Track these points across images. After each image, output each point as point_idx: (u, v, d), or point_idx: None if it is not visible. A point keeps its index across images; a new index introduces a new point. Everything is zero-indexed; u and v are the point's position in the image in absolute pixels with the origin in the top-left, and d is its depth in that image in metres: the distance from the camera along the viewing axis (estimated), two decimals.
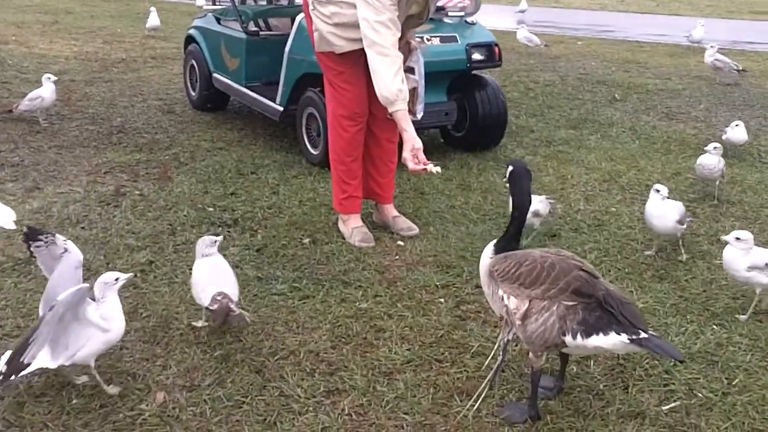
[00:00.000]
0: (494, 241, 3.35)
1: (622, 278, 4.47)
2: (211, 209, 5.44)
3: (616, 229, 5.19)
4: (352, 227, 4.86)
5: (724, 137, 6.70)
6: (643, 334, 2.93)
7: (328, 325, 3.90)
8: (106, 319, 3.24)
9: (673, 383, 3.50)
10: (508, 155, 6.83)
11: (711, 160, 5.65)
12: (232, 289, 3.72)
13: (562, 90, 9.73)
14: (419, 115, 4.75)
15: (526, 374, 3.50)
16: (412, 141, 4.28)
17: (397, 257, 4.69)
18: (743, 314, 4.06)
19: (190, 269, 4.28)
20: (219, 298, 3.62)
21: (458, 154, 6.83)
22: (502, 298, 3.18)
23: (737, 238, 4.04)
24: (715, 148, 5.68)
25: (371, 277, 4.40)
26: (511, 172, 3.32)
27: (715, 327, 3.98)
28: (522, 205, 3.29)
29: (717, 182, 5.75)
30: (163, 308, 4.03)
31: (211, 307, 3.64)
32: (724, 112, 8.80)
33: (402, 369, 3.56)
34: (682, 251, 4.81)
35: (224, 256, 4.46)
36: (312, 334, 3.82)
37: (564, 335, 3.03)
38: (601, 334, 2.98)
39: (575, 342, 3.02)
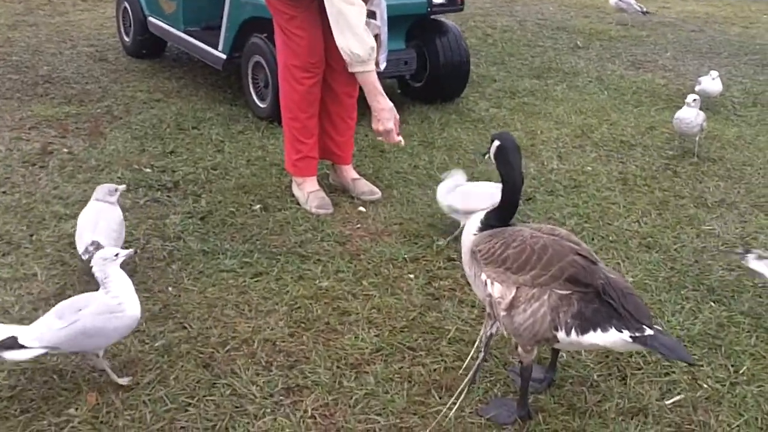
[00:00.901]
0: (479, 214, 2.89)
1: (606, 248, 4.07)
2: (148, 170, 4.89)
3: (594, 191, 4.79)
4: (308, 191, 4.36)
5: (698, 88, 6.30)
6: (648, 331, 2.53)
7: (284, 307, 3.43)
8: (118, 300, 2.83)
9: (674, 371, 3.13)
10: (471, 108, 6.37)
11: (689, 113, 5.26)
12: (109, 241, 3.37)
13: (522, 36, 9.25)
14: (382, 66, 4.25)
15: (512, 363, 3.09)
16: (392, 109, 3.78)
17: (359, 226, 4.21)
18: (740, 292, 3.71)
19: (127, 241, 3.76)
20: (92, 248, 3.29)
21: (418, 106, 6.33)
22: (486, 284, 2.74)
23: None
24: (694, 100, 5.28)
25: (331, 250, 3.93)
26: (498, 147, 2.86)
27: (712, 304, 3.61)
28: (514, 182, 2.85)
29: (696, 138, 5.36)
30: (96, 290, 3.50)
31: (83, 257, 3.33)
32: (691, 60, 8.44)
33: (371, 359, 3.12)
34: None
35: (164, 225, 3.97)
36: (267, 318, 3.35)
37: (556, 330, 2.62)
38: (598, 330, 2.58)
39: (569, 338, 2.62)
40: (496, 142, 2.86)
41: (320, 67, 4.22)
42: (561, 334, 2.61)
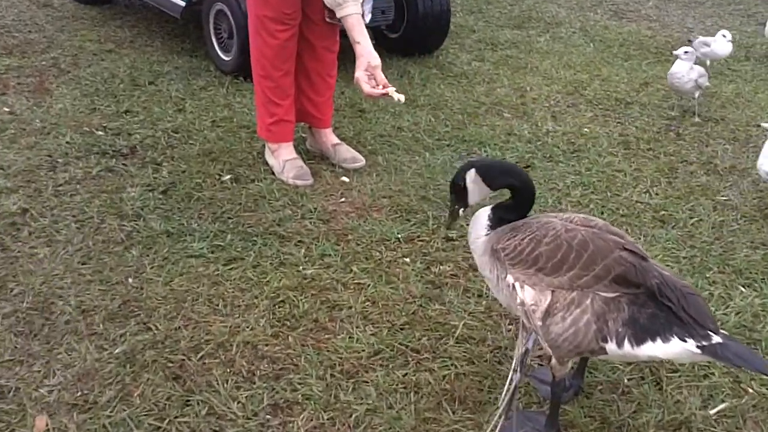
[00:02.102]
0: (488, 208, 2.45)
1: (618, 223, 3.67)
2: (101, 133, 4.34)
3: (596, 156, 4.36)
4: (284, 160, 3.87)
5: (703, 51, 5.81)
6: (715, 338, 2.14)
7: (265, 301, 2.97)
8: None
9: (713, 373, 2.75)
10: (452, 61, 5.88)
11: (681, 67, 4.82)
12: None
13: None
14: (368, 17, 3.74)
15: (531, 366, 2.68)
16: (368, 56, 3.30)
17: (343, 200, 3.74)
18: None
19: (78, 220, 3.26)
20: None
21: (395, 60, 5.83)
22: (512, 287, 2.31)
23: None
24: (686, 53, 4.84)
25: (314, 229, 3.46)
26: (479, 170, 2.45)
27: (743, 289, 3.23)
28: (525, 186, 2.42)
29: (696, 95, 4.94)
30: (42, 281, 3.02)
31: None
32: (675, 10, 8.03)
33: (369, 365, 2.69)
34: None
35: (120, 200, 3.48)
36: (245, 315, 2.89)
37: (604, 341, 2.20)
38: (658, 340, 2.17)
39: (621, 351, 2.21)
40: (471, 172, 2.44)
41: (296, 18, 3.70)
42: (611, 346, 2.20)
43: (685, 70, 4.83)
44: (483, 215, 2.48)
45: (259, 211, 3.59)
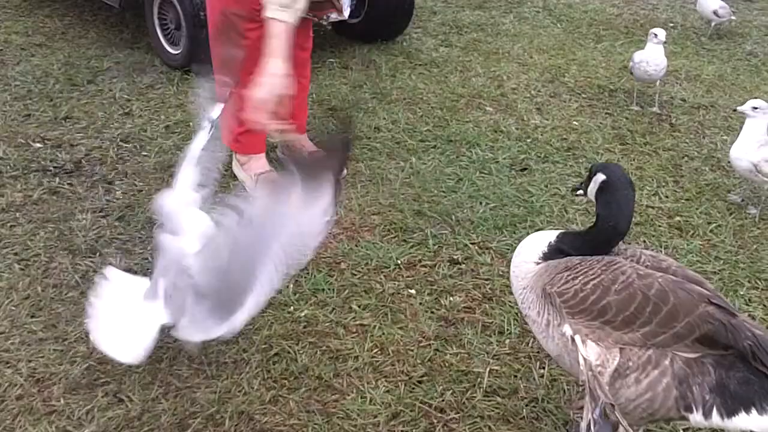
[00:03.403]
0: (553, 233, 2.06)
1: (633, 233, 3.33)
2: (38, 145, 3.80)
3: (593, 154, 3.99)
4: (257, 173, 3.40)
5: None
6: None
7: (257, 355, 2.52)
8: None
9: None
10: (418, 48, 5.44)
11: (655, 53, 4.44)
12: None
13: None
14: (346, 13, 3.29)
15: (571, 419, 2.30)
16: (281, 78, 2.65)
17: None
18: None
19: (22, 259, 2.75)
20: None
21: (357, 47, 5.35)
22: (572, 340, 1.91)
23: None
24: (656, 36, 4.46)
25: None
26: (603, 183, 2.05)
27: None
28: (616, 228, 2.05)
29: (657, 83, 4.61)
30: None
31: None
32: None
33: (390, 431, 2.25)
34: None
35: (70, 231, 2.98)
36: (235, 376, 2.44)
37: (689, 410, 1.83)
38: (753, 411, 1.83)
39: (707, 422, 1.86)
40: (600, 176, 2.02)
41: None
42: (696, 417, 1.84)
43: (659, 56, 4.47)
44: (541, 239, 2.09)
45: None
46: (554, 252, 2.09)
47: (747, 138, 3.40)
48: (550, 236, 2.11)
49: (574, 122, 4.39)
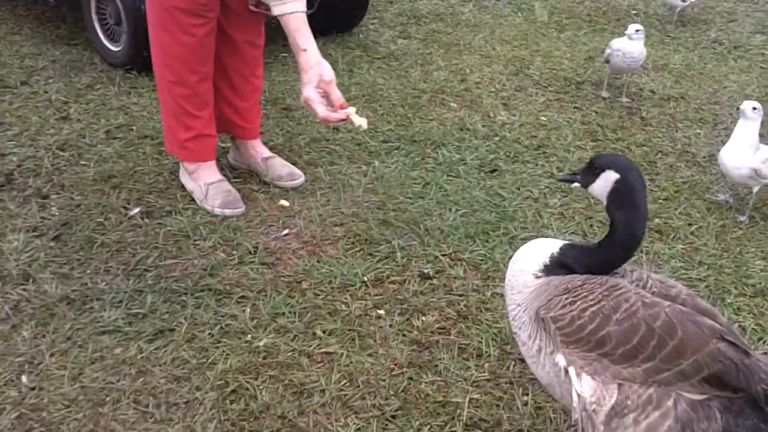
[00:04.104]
0: (557, 242, 1.83)
1: None
2: None
3: (564, 152, 3.79)
4: (206, 183, 3.12)
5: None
6: None
7: (211, 393, 2.25)
8: None
9: None
10: (375, 40, 5.18)
11: (635, 47, 4.27)
12: None
13: None
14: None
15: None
16: (319, 68, 2.56)
17: (286, 231, 3.03)
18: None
19: None
20: None
21: None
22: (565, 372, 1.69)
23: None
24: (637, 31, 4.28)
25: (258, 278, 2.74)
26: (618, 183, 1.82)
27: None
28: (632, 234, 1.84)
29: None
30: None
31: None
32: None
33: None
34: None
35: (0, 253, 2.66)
36: (188, 419, 2.18)
37: None
38: None
39: None
40: (613, 174, 1.78)
41: (214, 9, 2.94)
42: None
43: (638, 50, 4.28)
44: (543, 249, 1.86)
45: (183, 256, 2.84)
46: (557, 266, 1.87)
47: (741, 143, 3.19)
48: (552, 247, 1.88)
49: (542, 117, 4.18)
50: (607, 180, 1.83)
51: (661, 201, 3.42)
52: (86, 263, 2.78)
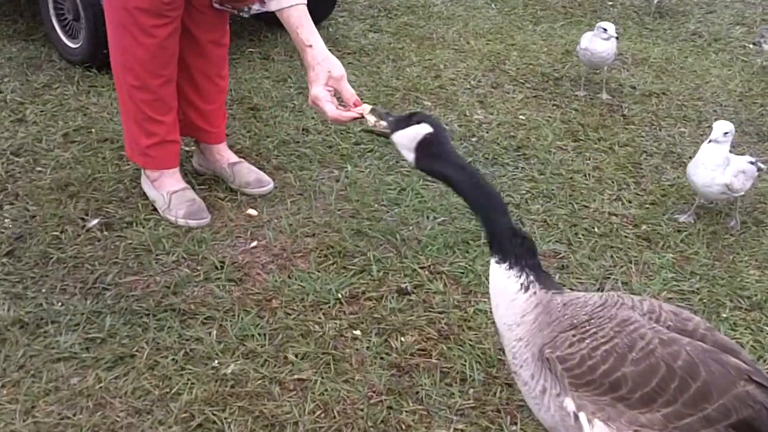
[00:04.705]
0: (496, 260, 1.68)
1: (598, 247, 2.99)
2: None
3: (545, 153, 3.64)
4: (170, 192, 2.94)
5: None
6: None
7: (175, 428, 2.09)
8: None
9: None
10: (345, 34, 5.00)
11: (604, 46, 4.13)
12: None
13: None
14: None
15: None
16: (327, 63, 2.37)
17: (255, 243, 2.86)
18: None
19: None
20: None
21: (279, 35, 4.88)
22: (575, 417, 1.55)
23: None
24: (605, 30, 4.13)
25: (225, 296, 2.57)
26: (430, 135, 1.76)
27: None
28: (486, 199, 1.71)
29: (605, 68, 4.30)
30: None
31: None
32: None
33: None
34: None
35: None
36: None
37: None
38: None
39: None
40: (425, 127, 1.78)
41: (178, 9, 2.75)
42: None
43: (609, 48, 4.15)
44: (492, 267, 1.71)
45: (144, 272, 2.66)
46: (517, 260, 1.67)
47: (710, 162, 3.04)
48: (493, 260, 1.71)
49: (521, 116, 4.04)
50: (417, 131, 1.77)
51: (647, 206, 3.28)
52: (41, 281, 2.59)
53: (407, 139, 1.79)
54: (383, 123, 1.90)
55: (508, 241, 1.67)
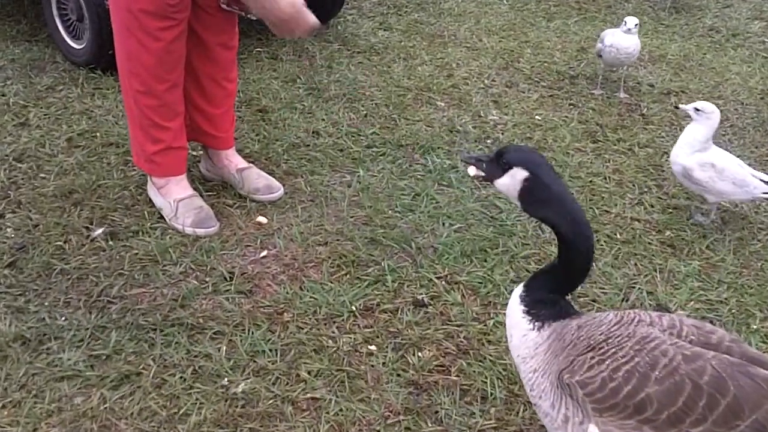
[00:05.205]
0: (514, 294, 1.61)
1: (621, 254, 2.88)
2: None
3: (563, 155, 3.54)
4: (177, 199, 2.85)
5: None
6: None
7: None
8: None
9: None
10: (355, 32, 4.90)
11: (630, 41, 4.03)
12: None
13: None
14: None
15: None
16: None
17: (265, 253, 2.76)
18: None
19: None
20: None
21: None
22: None
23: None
24: (636, 25, 4.03)
25: (234, 309, 2.47)
26: (528, 181, 1.63)
27: None
28: (585, 230, 1.63)
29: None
30: None
31: None
32: None
33: None
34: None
35: None
36: None
37: None
38: None
39: None
40: (521, 172, 1.62)
41: (184, 11, 2.64)
42: None
43: (634, 44, 4.04)
44: (515, 301, 1.65)
45: (150, 284, 2.56)
46: (538, 307, 1.64)
47: (685, 140, 3.00)
48: (518, 291, 1.67)
49: (537, 116, 3.93)
50: (515, 178, 1.63)
51: (671, 210, 3.18)
52: (44, 294, 2.50)
53: (507, 188, 1.66)
54: (481, 174, 1.71)
55: (550, 302, 1.64)
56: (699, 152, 2.96)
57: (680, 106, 3.07)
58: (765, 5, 5.88)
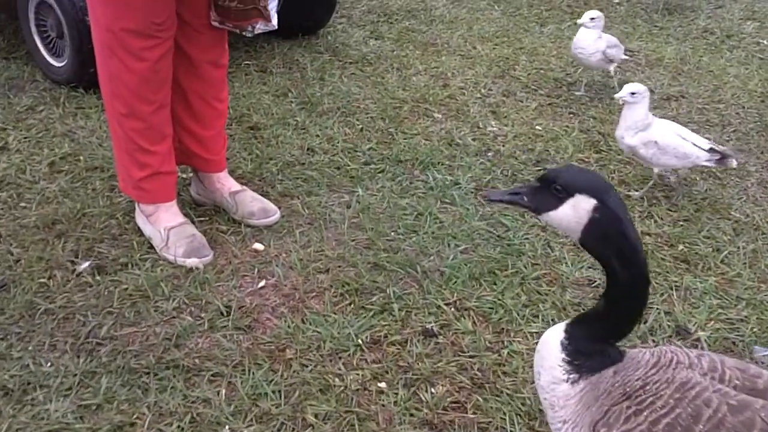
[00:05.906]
0: (560, 328, 1.46)
1: None
2: None
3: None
4: (167, 228, 2.69)
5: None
6: None
7: None
8: None
9: None
10: (345, 42, 4.75)
11: (586, 36, 3.91)
12: None
13: None
14: (275, 20, 2.59)
15: None
16: None
17: (263, 283, 2.60)
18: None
19: None
20: None
21: (276, 45, 4.64)
22: None
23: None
24: (591, 19, 3.91)
25: (233, 348, 2.31)
26: (597, 212, 1.39)
27: None
28: (641, 272, 1.42)
29: (611, 69, 4.06)
30: None
31: None
32: None
33: None
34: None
35: None
36: None
37: None
38: None
39: None
40: (588, 200, 1.39)
41: (170, 28, 2.49)
42: None
43: (591, 40, 3.91)
44: (553, 347, 1.48)
45: (142, 323, 2.40)
46: (578, 355, 1.48)
47: (626, 123, 3.08)
48: (558, 333, 1.50)
49: (537, 127, 3.79)
50: (578, 208, 1.40)
51: (681, 223, 3.04)
52: (27, 337, 2.33)
53: (566, 221, 1.43)
54: (524, 205, 1.48)
55: (594, 353, 1.48)
56: (642, 131, 3.05)
57: (616, 96, 3.13)
58: (756, 5, 5.79)
